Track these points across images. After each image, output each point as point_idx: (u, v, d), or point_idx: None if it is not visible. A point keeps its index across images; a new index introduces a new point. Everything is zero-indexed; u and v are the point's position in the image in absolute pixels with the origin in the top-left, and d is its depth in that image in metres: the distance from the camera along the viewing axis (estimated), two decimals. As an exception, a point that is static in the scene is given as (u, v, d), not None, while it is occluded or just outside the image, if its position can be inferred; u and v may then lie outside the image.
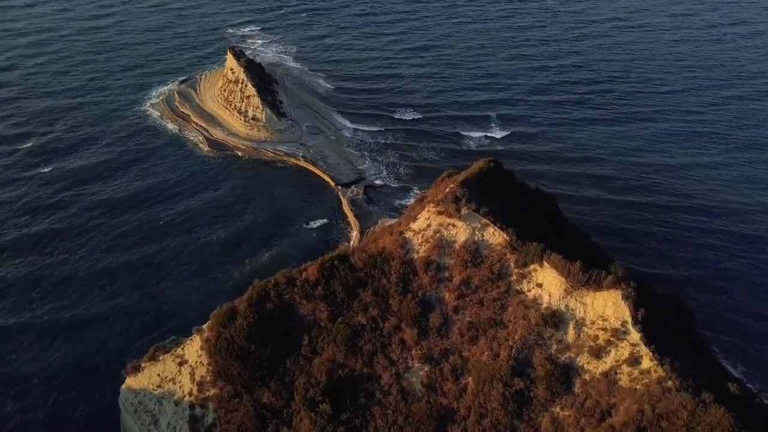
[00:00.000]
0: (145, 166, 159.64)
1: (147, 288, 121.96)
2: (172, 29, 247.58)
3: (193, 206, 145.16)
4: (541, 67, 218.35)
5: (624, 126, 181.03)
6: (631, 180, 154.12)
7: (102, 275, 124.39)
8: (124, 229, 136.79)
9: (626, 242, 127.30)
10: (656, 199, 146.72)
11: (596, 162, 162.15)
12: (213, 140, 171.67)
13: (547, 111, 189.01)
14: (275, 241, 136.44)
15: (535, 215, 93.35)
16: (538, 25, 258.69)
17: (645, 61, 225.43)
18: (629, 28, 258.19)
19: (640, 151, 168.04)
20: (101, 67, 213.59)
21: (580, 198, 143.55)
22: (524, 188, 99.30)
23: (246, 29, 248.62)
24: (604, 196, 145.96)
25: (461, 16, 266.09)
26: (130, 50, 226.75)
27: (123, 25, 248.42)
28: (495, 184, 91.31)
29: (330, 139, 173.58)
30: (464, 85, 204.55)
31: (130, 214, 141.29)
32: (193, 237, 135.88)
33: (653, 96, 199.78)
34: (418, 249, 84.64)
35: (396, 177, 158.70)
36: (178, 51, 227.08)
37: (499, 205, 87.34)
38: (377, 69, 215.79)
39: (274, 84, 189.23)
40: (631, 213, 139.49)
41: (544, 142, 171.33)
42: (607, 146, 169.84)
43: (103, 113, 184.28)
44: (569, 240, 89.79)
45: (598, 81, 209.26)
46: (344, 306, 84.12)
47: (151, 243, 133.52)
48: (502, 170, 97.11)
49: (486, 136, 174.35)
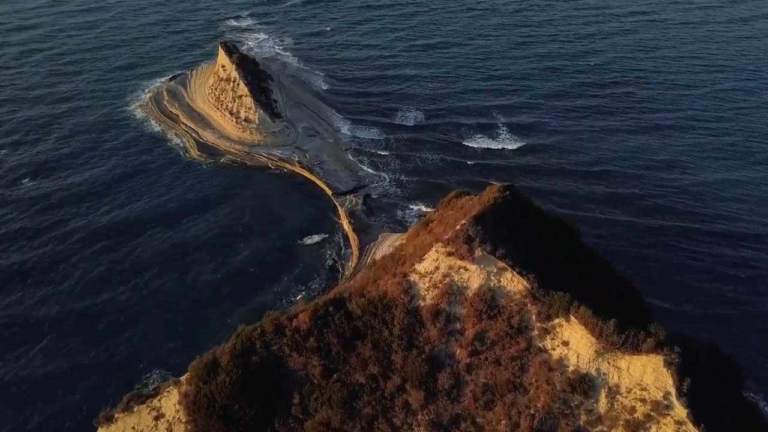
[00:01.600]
0: (129, 174, 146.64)
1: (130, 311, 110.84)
2: (164, 21, 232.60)
3: (177, 221, 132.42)
4: (554, 68, 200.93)
5: (645, 136, 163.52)
6: (653, 198, 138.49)
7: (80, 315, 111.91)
8: (104, 258, 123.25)
9: (647, 272, 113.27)
10: (681, 222, 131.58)
11: (615, 178, 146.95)
12: (203, 143, 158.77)
13: (560, 118, 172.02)
14: (268, 257, 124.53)
15: (556, 252, 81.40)
16: (551, 21, 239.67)
17: (666, 61, 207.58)
18: (650, 23, 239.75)
19: (663, 164, 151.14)
20: (87, 61, 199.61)
21: (598, 220, 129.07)
22: (543, 218, 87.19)
23: (242, 21, 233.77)
24: (623, 219, 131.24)
25: (472, 10, 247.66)
26: (119, 44, 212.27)
27: (112, 18, 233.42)
28: (512, 217, 79.26)
29: (327, 142, 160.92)
30: (472, 86, 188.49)
31: (112, 236, 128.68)
32: (178, 254, 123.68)
33: (676, 100, 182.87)
34: (425, 295, 72.88)
35: (398, 185, 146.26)
36: (170, 44, 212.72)
37: (518, 244, 75.42)
38: (379, 66, 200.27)
39: (269, 81, 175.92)
40: (654, 238, 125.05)
41: (558, 154, 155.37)
42: (626, 158, 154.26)
43: (87, 113, 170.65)
44: (598, 284, 77.99)
45: (617, 83, 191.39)
46: (340, 360, 72.53)
47: (131, 256, 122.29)
48: (519, 199, 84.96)
49: (496, 147, 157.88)
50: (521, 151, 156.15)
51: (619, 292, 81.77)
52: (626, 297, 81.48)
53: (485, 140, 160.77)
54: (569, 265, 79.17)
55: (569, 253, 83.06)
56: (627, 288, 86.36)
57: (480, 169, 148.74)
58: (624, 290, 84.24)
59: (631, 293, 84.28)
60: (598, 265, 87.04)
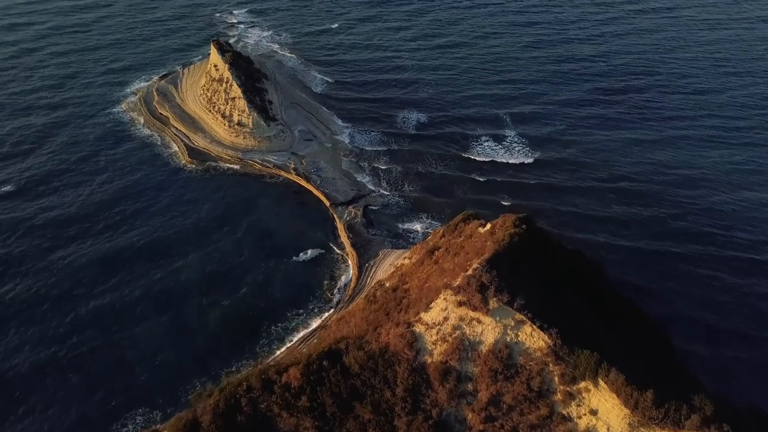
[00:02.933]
0: (112, 183, 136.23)
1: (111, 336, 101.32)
2: (155, 14, 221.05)
3: (163, 233, 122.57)
4: (568, 72, 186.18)
5: (667, 148, 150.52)
6: (677, 220, 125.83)
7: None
8: (82, 275, 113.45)
9: (675, 309, 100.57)
10: (710, 248, 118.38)
11: (636, 197, 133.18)
12: (194, 149, 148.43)
13: (576, 127, 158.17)
14: (260, 277, 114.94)
15: (580, 296, 71.71)
16: (565, 20, 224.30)
17: (686, 62, 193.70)
18: (668, 21, 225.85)
19: (688, 180, 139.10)
20: (74, 57, 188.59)
21: (619, 248, 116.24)
22: (564, 255, 77.40)
23: (236, 14, 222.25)
24: (646, 245, 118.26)
25: (484, 8, 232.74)
26: (108, 39, 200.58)
27: (101, 12, 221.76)
28: (530, 258, 69.54)
29: (325, 147, 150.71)
30: (480, 90, 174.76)
31: (91, 247, 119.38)
32: (164, 272, 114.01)
33: (699, 106, 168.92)
34: (432, 350, 63.48)
35: (399, 195, 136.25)
36: (161, 40, 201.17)
37: (537, 290, 65.79)
38: (381, 65, 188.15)
39: (264, 80, 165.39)
40: (681, 267, 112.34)
41: (573, 169, 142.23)
42: (648, 174, 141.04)
43: (71, 116, 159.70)
44: (627, 334, 68.44)
45: (636, 88, 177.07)
46: (335, 423, 63.21)
47: (113, 277, 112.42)
48: (537, 234, 75.10)
49: (505, 160, 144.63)
50: (533, 166, 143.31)
51: (650, 341, 72.28)
52: (658, 348, 72.08)
53: (494, 151, 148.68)
54: (594, 312, 69.62)
55: (593, 295, 73.40)
56: (659, 336, 76.79)
57: (489, 185, 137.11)
58: (656, 339, 74.72)
59: (663, 343, 74.88)
60: (626, 309, 77.19)
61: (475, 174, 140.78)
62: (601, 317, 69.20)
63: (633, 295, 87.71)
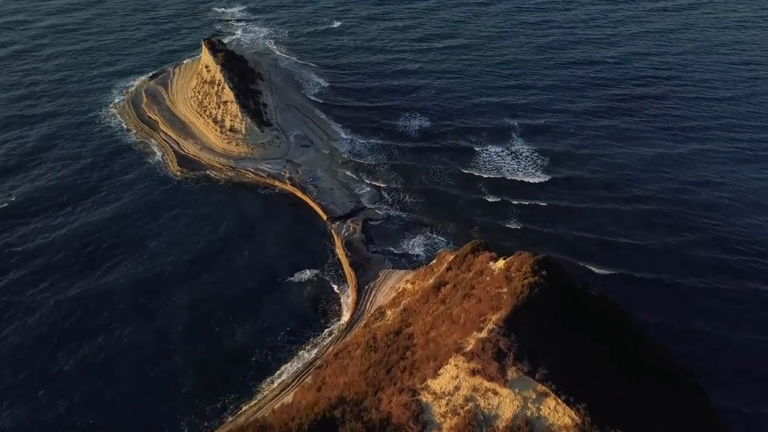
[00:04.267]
0: (95, 194, 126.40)
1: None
2: (146, 10, 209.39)
3: (146, 252, 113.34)
4: (581, 76, 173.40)
5: (695, 164, 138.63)
6: (708, 249, 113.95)
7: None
8: (61, 296, 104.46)
9: (705, 353, 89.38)
10: (741, 283, 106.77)
11: (660, 221, 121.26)
12: (184, 156, 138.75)
13: (591, 138, 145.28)
14: (251, 300, 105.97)
15: (608, 355, 62.60)
16: (576, 20, 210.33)
17: (698, 57, 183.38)
18: (684, 18, 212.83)
19: (715, 203, 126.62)
20: (60, 55, 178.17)
21: (643, 282, 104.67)
22: (587, 305, 68.07)
23: (231, 10, 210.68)
24: (671, 278, 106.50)
25: (493, 6, 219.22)
26: (95, 36, 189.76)
27: (89, 6, 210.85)
28: (552, 313, 60.43)
29: (322, 154, 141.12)
30: (488, 95, 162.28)
31: (69, 267, 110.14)
32: (146, 297, 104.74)
33: (718, 108, 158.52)
34: (441, 423, 54.53)
35: (401, 207, 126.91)
36: (152, 36, 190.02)
37: (562, 354, 56.78)
38: (383, 66, 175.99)
39: (258, 81, 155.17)
40: (707, 303, 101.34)
41: (590, 188, 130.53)
42: (671, 193, 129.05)
43: (55, 119, 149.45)
44: (663, 398, 59.48)
45: (662, 97, 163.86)
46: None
47: (91, 303, 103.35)
48: (558, 280, 65.78)
49: (515, 178, 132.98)
50: (546, 185, 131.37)
51: (686, 398, 63.43)
52: (695, 406, 63.30)
53: (502, 164, 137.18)
54: (624, 368, 60.69)
55: (621, 348, 64.39)
56: (694, 392, 67.86)
57: (498, 205, 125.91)
58: (691, 396, 65.84)
59: (699, 400, 66.07)
60: (657, 360, 68.04)
61: (483, 189, 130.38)
62: (632, 375, 60.37)
63: (660, 337, 78.78)
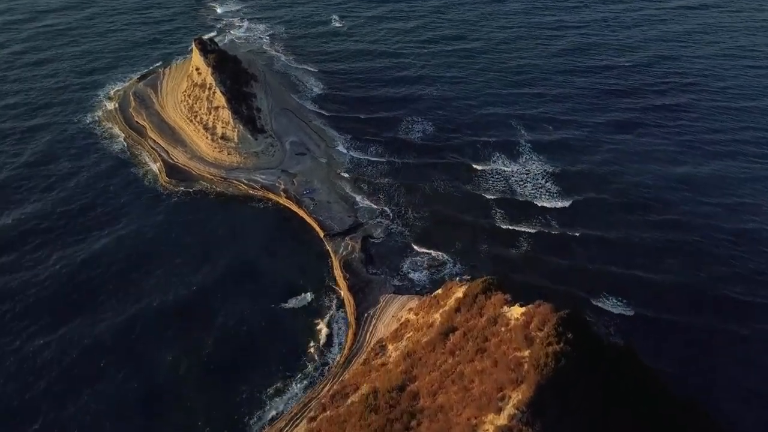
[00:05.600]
0: (76, 209, 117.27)
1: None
2: (135, 7, 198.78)
3: (132, 274, 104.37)
4: (602, 83, 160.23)
5: (734, 190, 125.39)
6: (751, 294, 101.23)
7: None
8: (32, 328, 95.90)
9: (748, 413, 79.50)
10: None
11: (693, 259, 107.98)
12: (173, 166, 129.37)
13: (614, 156, 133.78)
14: (243, 328, 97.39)
15: (636, 412, 53.82)
16: (597, 20, 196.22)
17: (721, 60, 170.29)
18: (712, 19, 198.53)
19: (750, 237, 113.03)
20: (44, 54, 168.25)
21: (675, 326, 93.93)
22: (614, 359, 59.18)
23: (227, 6, 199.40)
24: (708, 322, 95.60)
25: (504, 4, 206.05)
26: (83, 33, 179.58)
27: (76, 2, 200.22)
28: (580, 381, 51.57)
29: (319, 163, 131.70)
30: (498, 106, 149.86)
31: (49, 288, 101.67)
32: (127, 325, 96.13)
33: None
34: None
35: (403, 222, 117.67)
36: (142, 34, 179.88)
37: (589, 428, 48.02)
38: (386, 68, 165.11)
39: (252, 83, 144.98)
40: (744, 352, 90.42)
41: (614, 215, 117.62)
42: (707, 220, 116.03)
43: (37, 124, 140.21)
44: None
45: (692, 107, 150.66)
46: None
47: (69, 323, 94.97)
48: (587, 346, 56.60)
49: (526, 200, 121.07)
50: (563, 212, 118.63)
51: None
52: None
53: (513, 183, 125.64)
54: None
55: (651, 409, 55.60)
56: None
57: (509, 233, 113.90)
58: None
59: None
60: (688, 419, 59.36)
61: (490, 203, 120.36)
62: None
63: (688, 388, 70.09)
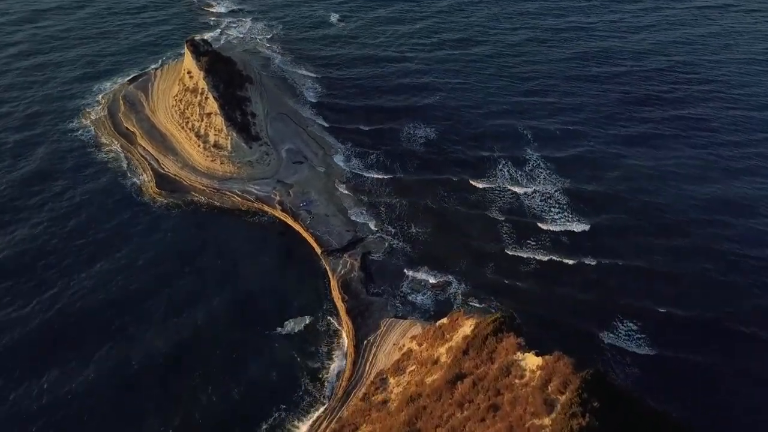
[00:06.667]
0: (58, 225, 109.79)
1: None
2: (125, 4, 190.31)
3: (111, 295, 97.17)
4: (626, 93, 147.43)
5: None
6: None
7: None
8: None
9: None
10: None
11: (724, 293, 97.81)
12: (163, 175, 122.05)
13: (643, 173, 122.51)
14: (232, 356, 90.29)
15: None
16: (613, 22, 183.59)
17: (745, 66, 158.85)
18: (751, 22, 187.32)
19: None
20: (30, 56, 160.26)
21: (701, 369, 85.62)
22: (647, 420, 52.03)
23: (223, 6, 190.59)
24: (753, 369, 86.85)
25: (518, 3, 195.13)
26: (70, 32, 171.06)
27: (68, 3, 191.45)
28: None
29: (317, 172, 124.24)
30: (509, 116, 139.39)
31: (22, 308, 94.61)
32: (109, 351, 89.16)
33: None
34: None
35: (405, 237, 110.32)
36: (135, 32, 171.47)
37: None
38: (387, 69, 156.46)
39: (247, 85, 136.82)
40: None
41: (637, 239, 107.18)
42: (741, 256, 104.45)
43: (18, 130, 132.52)
44: None
45: (715, 121, 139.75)
46: None
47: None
48: (617, 416, 49.35)
49: (539, 224, 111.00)
50: (584, 237, 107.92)
51: None
52: None
53: (526, 204, 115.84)
54: None
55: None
56: None
57: (521, 261, 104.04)
58: None
59: None
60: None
61: (498, 225, 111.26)
62: None
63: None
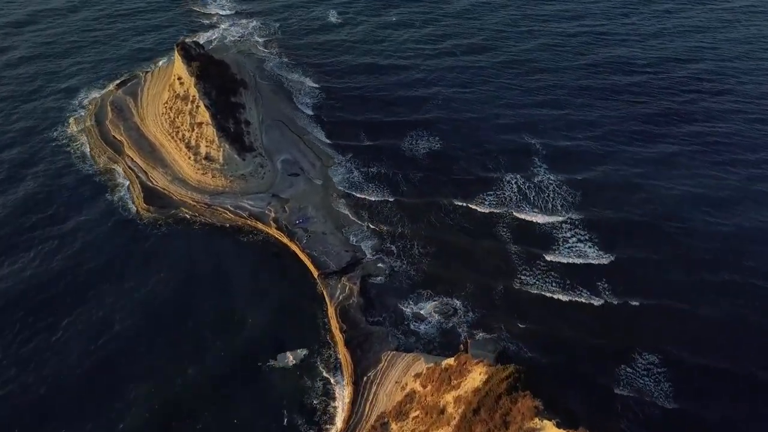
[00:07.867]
0: (38, 242, 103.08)
1: None
2: (115, 3, 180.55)
3: (99, 327, 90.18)
4: (650, 106, 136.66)
5: None
6: None
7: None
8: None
9: None
10: None
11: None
12: (152, 190, 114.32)
13: (659, 200, 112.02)
14: (223, 390, 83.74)
15: None
16: (644, 32, 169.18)
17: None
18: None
19: None
20: (13, 55, 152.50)
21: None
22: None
23: (220, 6, 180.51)
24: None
25: (532, 6, 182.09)
26: (57, 32, 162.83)
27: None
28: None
29: (314, 186, 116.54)
30: (520, 134, 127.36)
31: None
32: (91, 388, 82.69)
33: None
34: None
35: (407, 258, 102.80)
36: (122, 35, 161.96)
37: None
38: (388, 73, 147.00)
39: (241, 90, 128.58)
40: None
41: (665, 275, 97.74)
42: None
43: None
44: None
45: (750, 137, 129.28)
46: None
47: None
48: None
49: (559, 260, 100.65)
50: (598, 272, 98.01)
51: None
52: None
53: (539, 233, 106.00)
54: None
55: None
56: None
57: (534, 299, 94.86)
58: None
59: None
60: None
61: (510, 258, 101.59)
62: None
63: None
